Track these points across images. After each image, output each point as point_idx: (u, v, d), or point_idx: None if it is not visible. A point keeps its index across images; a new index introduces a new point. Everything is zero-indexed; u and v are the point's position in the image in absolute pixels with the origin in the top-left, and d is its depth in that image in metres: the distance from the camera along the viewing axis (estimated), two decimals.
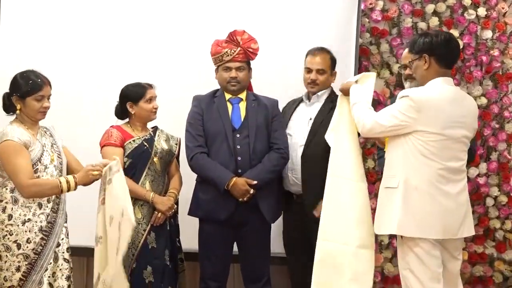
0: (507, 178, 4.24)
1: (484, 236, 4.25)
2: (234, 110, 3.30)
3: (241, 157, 3.21)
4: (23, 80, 2.89)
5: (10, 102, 2.91)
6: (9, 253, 2.81)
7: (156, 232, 3.24)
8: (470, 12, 4.19)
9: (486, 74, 4.25)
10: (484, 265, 4.24)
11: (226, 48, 3.24)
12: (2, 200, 2.84)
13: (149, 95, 3.29)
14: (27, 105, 2.89)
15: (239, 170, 3.19)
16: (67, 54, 3.89)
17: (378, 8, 4.17)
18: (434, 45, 2.77)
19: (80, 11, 3.91)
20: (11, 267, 2.80)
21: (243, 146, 3.22)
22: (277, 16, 3.95)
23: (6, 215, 2.82)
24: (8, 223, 2.81)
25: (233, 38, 3.24)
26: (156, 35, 3.93)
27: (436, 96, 2.69)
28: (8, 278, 2.80)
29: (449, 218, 2.68)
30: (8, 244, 2.80)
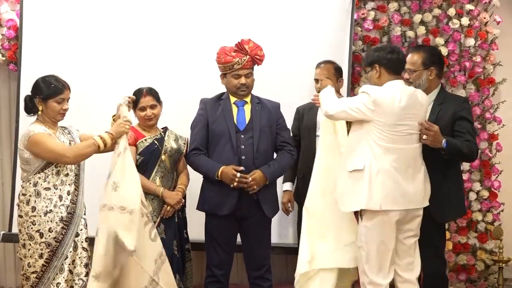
0: (488, 174, 4.42)
1: (467, 227, 4.42)
2: (239, 112, 3.38)
3: (245, 157, 3.30)
4: (45, 84, 3.03)
5: (33, 104, 3.04)
6: (32, 242, 2.94)
7: (165, 224, 3.37)
8: (454, 22, 4.37)
9: (469, 78, 4.44)
10: (467, 254, 4.39)
11: (236, 57, 3.28)
12: (26, 194, 2.97)
13: (141, 104, 3.37)
14: (48, 107, 3.02)
15: (243, 168, 3.26)
16: (82, 59, 4.03)
17: (370, 18, 4.36)
18: (380, 56, 3.12)
19: (96, 19, 4.05)
20: (34, 254, 2.94)
21: (247, 147, 3.31)
22: (275, 25, 4.10)
23: (30, 207, 2.96)
24: (32, 215, 2.95)
25: (241, 48, 3.29)
26: (167, 41, 4.06)
27: (389, 93, 3.03)
28: (32, 265, 2.94)
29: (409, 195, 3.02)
30: (32, 233, 2.94)
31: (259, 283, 3.38)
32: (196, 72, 4.07)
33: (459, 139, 3.22)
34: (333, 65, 3.81)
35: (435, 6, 4.42)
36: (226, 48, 3.34)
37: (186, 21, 4.10)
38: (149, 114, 3.40)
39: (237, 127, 3.35)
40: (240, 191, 3.28)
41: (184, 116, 3.79)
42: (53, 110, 3.04)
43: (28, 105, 3.07)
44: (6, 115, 4.38)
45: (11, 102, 4.32)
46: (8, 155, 4.32)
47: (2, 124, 4.39)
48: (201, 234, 3.60)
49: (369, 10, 4.39)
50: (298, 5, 4.16)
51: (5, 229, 4.17)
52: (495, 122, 4.46)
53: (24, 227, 2.96)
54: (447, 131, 3.26)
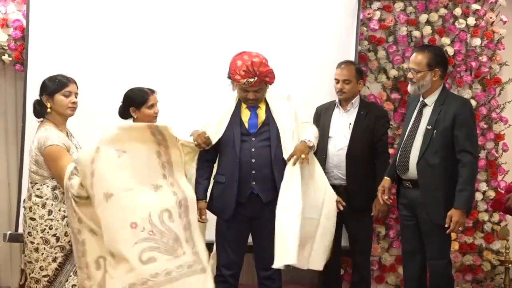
0: (494, 174, 4.42)
1: (473, 228, 4.42)
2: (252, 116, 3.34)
3: (255, 159, 3.27)
4: (50, 81, 3.05)
5: (41, 105, 3.03)
6: (47, 246, 2.91)
7: None
8: (460, 22, 4.37)
9: (475, 78, 4.43)
10: (474, 254, 4.39)
11: (244, 78, 3.19)
12: (42, 197, 2.94)
13: (151, 101, 3.32)
14: (56, 102, 3.01)
15: (253, 171, 3.25)
16: (89, 60, 4.02)
17: (375, 18, 4.35)
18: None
19: (102, 19, 4.05)
20: (48, 258, 2.91)
21: (258, 149, 3.27)
22: (281, 26, 4.10)
23: (46, 210, 2.93)
24: (48, 218, 2.92)
25: (250, 70, 3.18)
26: (173, 41, 4.06)
27: None
28: (44, 268, 2.91)
29: None
30: (47, 237, 2.91)
31: (268, 284, 3.36)
32: (201, 73, 4.08)
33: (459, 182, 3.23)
34: (354, 66, 3.84)
35: (441, 6, 4.41)
36: (238, 63, 3.22)
37: (193, 21, 4.11)
38: (157, 111, 3.38)
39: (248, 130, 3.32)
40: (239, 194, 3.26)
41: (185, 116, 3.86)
42: (61, 104, 3.03)
43: (37, 107, 3.06)
44: (13, 115, 4.39)
45: (17, 103, 4.32)
46: (15, 155, 4.33)
47: (9, 124, 4.39)
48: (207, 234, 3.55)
49: (375, 10, 4.38)
50: (303, 6, 4.16)
51: (11, 229, 4.16)
52: (501, 122, 4.46)
53: (37, 231, 2.93)
54: (448, 133, 3.29)
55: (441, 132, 3.30)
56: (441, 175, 3.30)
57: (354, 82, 3.78)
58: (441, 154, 3.30)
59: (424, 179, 3.35)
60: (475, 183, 3.44)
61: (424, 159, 3.34)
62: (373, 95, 4.40)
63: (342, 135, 3.79)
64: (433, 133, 3.32)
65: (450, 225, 3.25)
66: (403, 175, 3.46)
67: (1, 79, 4.36)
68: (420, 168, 3.35)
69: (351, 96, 3.81)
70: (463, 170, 3.24)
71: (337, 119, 3.83)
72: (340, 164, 3.74)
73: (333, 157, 3.76)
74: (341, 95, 3.81)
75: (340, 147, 3.76)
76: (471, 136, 3.32)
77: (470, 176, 3.26)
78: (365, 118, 3.78)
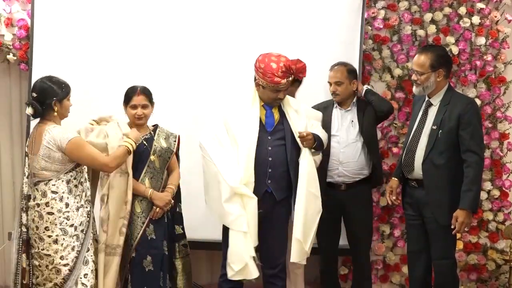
0: (499, 173, 4.42)
1: (478, 227, 4.42)
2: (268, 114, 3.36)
3: (272, 158, 3.30)
4: (56, 85, 3.09)
5: (47, 107, 3.06)
6: (67, 236, 3.05)
7: (154, 225, 3.33)
8: (465, 21, 4.36)
9: (480, 77, 4.42)
10: (478, 254, 4.40)
11: (284, 78, 3.21)
12: (58, 192, 3.06)
13: (134, 101, 3.33)
14: (63, 106, 3.12)
15: (269, 169, 3.28)
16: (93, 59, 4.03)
17: (380, 17, 4.34)
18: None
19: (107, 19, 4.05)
20: (67, 247, 3.05)
21: (274, 148, 3.31)
22: (286, 25, 4.09)
23: (64, 203, 3.07)
24: (65, 210, 3.06)
25: (288, 69, 3.23)
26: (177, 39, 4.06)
27: None
28: (65, 257, 3.05)
29: None
30: (66, 228, 3.06)
31: (274, 282, 3.38)
32: (204, 73, 4.08)
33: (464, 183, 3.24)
34: (346, 67, 3.84)
35: (446, 4, 4.40)
36: (273, 66, 3.21)
37: (197, 20, 4.11)
38: (140, 113, 3.36)
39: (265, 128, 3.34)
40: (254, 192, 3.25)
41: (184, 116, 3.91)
42: (67, 108, 3.17)
43: (39, 109, 3.08)
44: (17, 114, 4.40)
45: (22, 102, 4.32)
46: (19, 154, 4.33)
47: (13, 123, 4.40)
48: (212, 233, 3.65)
49: (379, 9, 4.37)
50: (308, 5, 4.16)
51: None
52: (506, 121, 4.46)
53: (55, 224, 3.05)
54: (453, 133, 3.29)
55: (446, 132, 3.30)
56: (446, 175, 3.31)
57: (347, 83, 3.80)
58: (447, 154, 3.30)
59: (429, 179, 3.35)
60: (481, 183, 3.45)
61: (429, 159, 3.34)
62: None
63: (345, 132, 3.80)
64: (438, 133, 3.32)
65: (456, 226, 3.25)
66: (408, 175, 3.47)
67: (6, 78, 4.37)
68: (426, 168, 3.35)
69: (345, 97, 3.84)
70: (469, 170, 3.24)
71: (338, 117, 3.84)
72: (346, 160, 3.75)
73: (338, 154, 3.76)
74: (335, 97, 3.84)
75: (345, 144, 3.77)
76: (477, 136, 3.31)
77: (476, 176, 3.26)
78: (367, 116, 3.81)
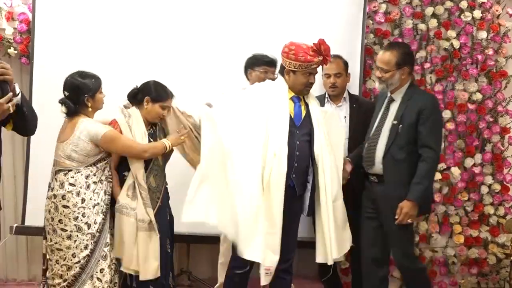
0: (500, 167, 4.42)
1: (479, 221, 4.43)
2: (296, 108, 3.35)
3: (299, 152, 3.29)
4: (87, 79, 3.10)
5: (80, 104, 3.08)
6: (80, 233, 3.02)
7: (158, 223, 3.25)
8: (466, 15, 4.36)
9: (481, 71, 4.42)
10: (479, 248, 4.40)
11: (315, 57, 3.22)
12: (76, 185, 3.04)
13: (167, 103, 3.35)
14: (96, 100, 3.13)
15: (295, 164, 3.25)
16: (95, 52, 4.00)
17: (381, 11, 4.34)
18: None
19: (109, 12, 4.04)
20: (80, 245, 3.02)
21: (301, 142, 3.30)
22: (287, 17, 4.09)
23: (80, 198, 3.04)
24: (81, 206, 3.03)
25: (318, 48, 3.23)
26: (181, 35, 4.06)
27: None
28: (77, 255, 3.03)
29: None
30: (80, 225, 3.03)
31: (284, 276, 3.36)
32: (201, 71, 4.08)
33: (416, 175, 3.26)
34: (342, 59, 3.86)
35: None
36: (303, 46, 3.25)
37: (199, 17, 4.11)
38: (166, 114, 3.39)
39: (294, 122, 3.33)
40: None
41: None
42: (100, 101, 3.17)
43: (72, 107, 3.09)
44: None
45: None
46: (20, 148, 4.33)
47: None
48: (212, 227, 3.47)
49: (380, 3, 4.37)
50: None
51: (17, 221, 4.18)
52: (507, 115, 4.45)
53: (69, 218, 3.02)
54: (413, 128, 3.31)
55: (406, 127, 3.32)
56: (406, 171, 3.31)
57: (344, 75, 3.82)
58: (407, 149, 3.32)
59: (389, 173, 3.36)
60: (433, 179, 3.46)
61: (390, 154, 3.35)
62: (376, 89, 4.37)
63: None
64: (398, 128, 3.34)
65: (400, 216, 3.28)
66: (369, 170, 3.48)
67: None
68: (386, 162, 3.36)
69: (342, 90, 3.85)
70: (422, 165, 3.27)
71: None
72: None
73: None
74: (334, 90, 3.84)
75: None
76: (435, 131, 3.33)
77: (428, 170, 3.28)
78: (358, 111, 3.83)
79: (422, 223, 4.42)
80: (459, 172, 4.39)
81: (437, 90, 4.39)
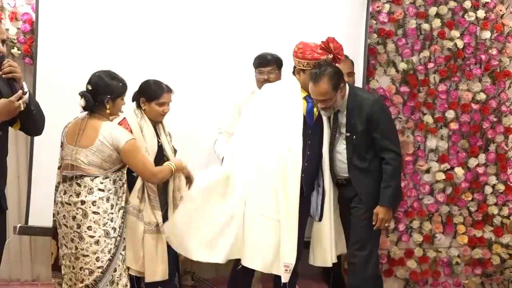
0: (504, 168, 4.41)
1: (483, 221, 4.41)
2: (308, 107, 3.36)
3: (309, 152, 3.31)
4: (115, 81, 3.02)
5: (99, 103, 2.99)
6: (108, 238, 2.97)
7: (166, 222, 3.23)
8: (470, 14, 4.35)
9: (485, 71, 4.41)
10: (483, 248, 4.39)
11: (323, 55, 3.24)
12: (105, 190, 2.97)
13: (163, 99, 3.29)
14: (115, 105, 3.05)
15: (306, 163, 3.26)
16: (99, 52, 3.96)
17: (384, 11, 4.33)
18: None
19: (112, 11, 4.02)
20: (105, 249, 2.96)
21: (313, 142, 3.32)
22: (291, 18, 4.09)
23: (109, 204, 2.99)
24: (110, 212, 2.99)
25: (327, 46, 3.25)
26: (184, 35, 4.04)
27: None
28: (101, 259, 2.95)
29: None
30: (108, 229, 2.98)
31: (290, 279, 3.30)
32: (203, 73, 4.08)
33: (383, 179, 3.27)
34: (350, 59, 3.87)
35: None
36: (311, 44, 3.28)
37: (202, 15, 4.10)
38: (167, 110, 3.35)
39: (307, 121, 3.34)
40: None
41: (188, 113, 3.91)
42: (119, 107, 3.09)
43: (91, 103, 2.99)
44: None
45: None
46: (24, 148, 4.30)
47: None
48: None
49: (384, 3, 4.36)
50: None
51: (21, 222, 4.15)
52: (511, 115, 4.44)
53: (99, 224, 2.96)
54: (367, 136, 3.29)
55: (360, 136, 3.30)
56: (373, 177, 3.32)
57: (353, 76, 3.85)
58: (369, 157, 3.32)
59: (357, 181, 3.35)
60: (400, 178, 3.44)
61: (353, 165, 3.34)
62: (382, 88, 4.38)
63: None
64: (353, 139, 3.32)
65: (377, 222, 3.29)
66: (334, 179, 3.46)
67: None
68: (352, 174, 3.35)
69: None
70: (386, 167, 3.28)
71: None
72: None
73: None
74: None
75: None
76: (388, 134, 3.32)
77: (393, 172, 3.28)
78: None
79: (426, 223, 4.40)
80: (462, 172, 4.38)
81: (440, 90, 4.38)
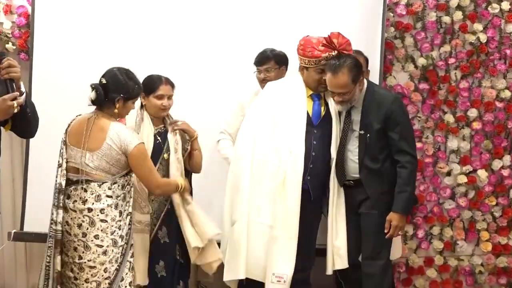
0: None
1: (508, 227, 4.27)
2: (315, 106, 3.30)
3: (315, 153, 3.24)
4: (131, 82, 2.88)
5: (109, 100, 2.84)
6: (115, 247, 2.83)
7: (167, 227, 3.21)
8: (494, 6, 4.18)
9: (510, 67, 4.24)
10: (508, 256, 4.26)
11: (324, 52, 3.16)
12: (113, 197, 2.84)
13: (161, 91, 3.19)
14: (125, 106, 2.90)
15: (311, 165, 3.21)
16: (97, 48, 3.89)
17: (402, 3, 4.17)
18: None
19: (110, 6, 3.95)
20: (113, 259, 2.83)
21: (318, 143, 3.25)
22: (305, 12, 3.97)
23: (118, 211, 2.85)
24: (118, 219, 2.85)
25: (330, 42, 3.18)
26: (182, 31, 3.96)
27: None
28: (108, 270, 2.82)
29: None
30: (116, 238, 2.83)
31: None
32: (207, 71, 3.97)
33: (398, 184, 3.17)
34: (363, 55, 3.73)
35: None
36: (313, 40, 3.19)
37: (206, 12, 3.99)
38: (166, 104, 3.22)
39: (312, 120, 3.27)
40: None
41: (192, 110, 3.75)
42: (129, 110, 2.94)
43: (101, 98, 2.83)
44: None
45: None
46: (19, 150, 4.18)
47: None
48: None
49: None
50: None
51: (16, 227, 4.04)
52: None
53: (107, 233, 2.81)
54: (382, 136, 3.19)
55: (375, 135, 3.20)
56: (386, 179, 3.23)
57: (366, 72, 3.65)
58: (381, 158, 3.22)
59: (369, 185, 3.24)
60: (415, 184, 3.35)
61: (364, 166, 3.23)
62: (399, 85, 4.22)
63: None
64: (367, 138, 3.20)
65: (390, 230, 3.17)
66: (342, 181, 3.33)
67: None
68: (363, 175, 3.24)
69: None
70: (401, 171, 3.19)
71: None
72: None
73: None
74: None
75: None
76: (406, 135, 3.24)
77: (409, 176, 3.20)
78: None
79: (447, 229, 4.25)
80: (486, 175, 4.24)
81: (462, 87, 4.22)
